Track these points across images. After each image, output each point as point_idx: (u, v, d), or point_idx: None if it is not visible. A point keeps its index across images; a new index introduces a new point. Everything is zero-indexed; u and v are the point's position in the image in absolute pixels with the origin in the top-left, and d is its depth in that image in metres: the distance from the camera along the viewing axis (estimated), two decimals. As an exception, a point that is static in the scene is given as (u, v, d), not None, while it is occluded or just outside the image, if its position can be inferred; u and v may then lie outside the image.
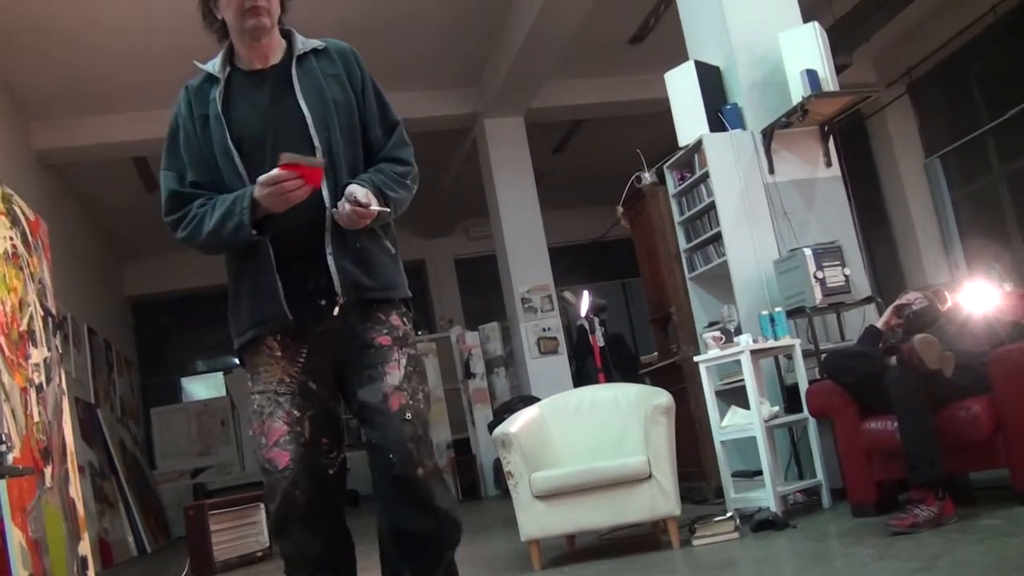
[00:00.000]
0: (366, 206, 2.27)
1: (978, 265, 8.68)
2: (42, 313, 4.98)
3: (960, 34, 9.28)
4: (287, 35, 2.51)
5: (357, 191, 2.28)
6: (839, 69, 5.89)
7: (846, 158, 5.89)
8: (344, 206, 2.27)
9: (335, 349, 2.38)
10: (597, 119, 10.78)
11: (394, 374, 2.35)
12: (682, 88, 5.48)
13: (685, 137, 5.47)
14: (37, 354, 4.77)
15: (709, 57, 5.53)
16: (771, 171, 5.24)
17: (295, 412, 2.36)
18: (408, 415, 2.29)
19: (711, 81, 5.46)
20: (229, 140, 2.36)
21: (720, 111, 5.37)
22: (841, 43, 7.66)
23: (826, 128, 5.36)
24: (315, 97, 2.41)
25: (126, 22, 7.31)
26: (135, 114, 8.57)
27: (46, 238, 5.33)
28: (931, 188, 10.51)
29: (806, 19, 5.40)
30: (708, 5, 5.55)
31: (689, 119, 5.44)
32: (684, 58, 5.60)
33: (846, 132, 7.37)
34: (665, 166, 5.70)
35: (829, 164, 5.38)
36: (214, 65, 2.46)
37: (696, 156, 5.37)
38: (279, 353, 2.39)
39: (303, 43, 2.49)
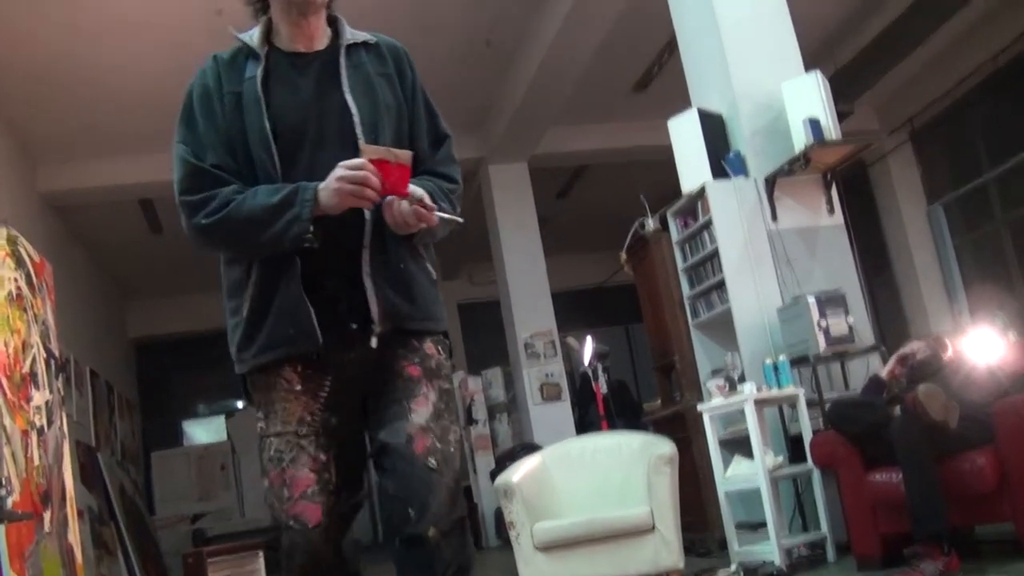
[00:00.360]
0: (430, 209, 1.99)
1: (982, 313, 8.65)
2: (45, 355, 4.97)
3: (962, 82, 9.33)
4: (333, 22, 2.24)
5: (420, 190, 2.01)
6: (841, 117, 5.92)
7: (849, 205, 5.91)
8: (402, 204, 1.98)
9: (364, 378, 2.11)
10: (601, 165, 10.83)
11: (421, 412, 2.06)
12: (685, 135, 5.51)
13: (688, 184, 5.48)
14: (39, 396, 4.75)
15: (712, 104, 5.56)
16: (774, 218, 5.25)
17: (321, 455, 2.07)
18: (433, 462, 2.00)
19: (714, 128, 5.48)
20: (267, 126, 2.06)
21: (723, 158, 5.38)
22: (843, 91, 7.70)
23: (828, 176, 5.37)
24: (364, 95, 2.13)
25: (134, 66, 7.38)
26: (142, 157, 8.59)
27: (51, 280, 5.34)
28: (934, 235, 10.52)
29: (808, 67, 5.43)
30: (710, 53, 5.59)
31: (692, 166, 5.46)
32: (687, 105, 5.64)
33: (849, 179, 7.41)
34: (668, 213, 5.71)
35: (832, 211, 5.38)
36: (252, 37, 2.16)
37: (699, 203, 5.38)
38: (299, 387, 2.08)
39: (352, 34, 2.22)
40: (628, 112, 9.62)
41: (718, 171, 5.35)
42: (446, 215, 2.04)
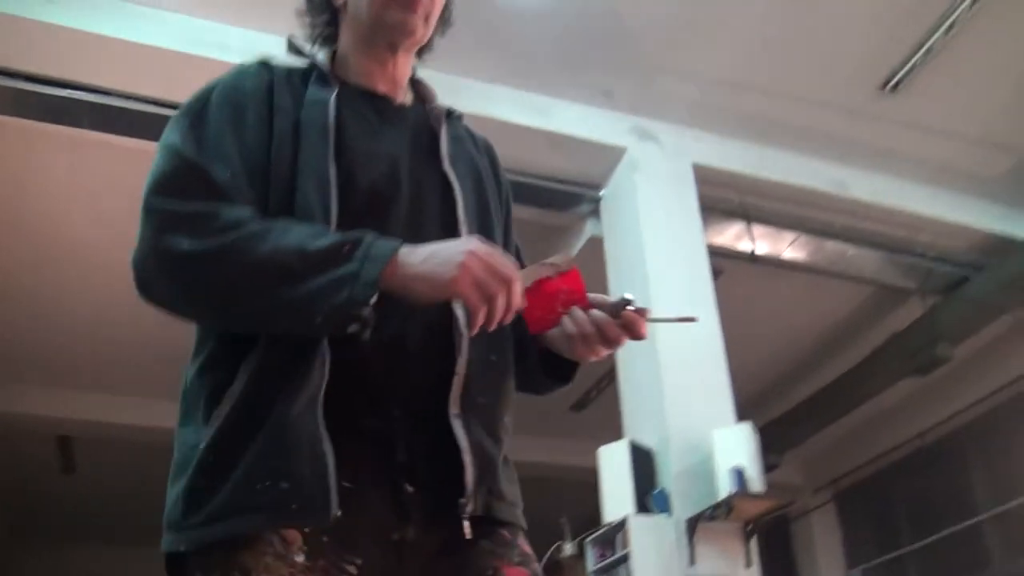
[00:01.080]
0: (644, 314, 1.31)
1: None
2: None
3: (886, 454, 9.60)
4: (415, 84, 1.61)
5: (622, 296, 1.34)
6: (768, 468, 6.04)
7: (769, 559, 5.86)
8: (592, 311, 1.32)
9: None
10: (527, 477, 10.69)
11: None
12: (614, 465, 5.52)
13: (610, 514, 5.43)
14: None
15: (645, 435, 5.63)
16: (692, 563, 5.17)
17: None
18: None
19: (643, 463, 5.51)
20: (331, 164, 1.33)
21: (648, 493, 5.39)
22: (772, 443, 7.89)
23: (749, 527, 5.37)
24: (469, 176, 1.51)
25: (80, 297, 7.22)
26: (71, 393, 8.34)
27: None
28: (852, 604, 10.38)
29: (740, 414, 5.58)
30: (648, 389, 5.74)
31: (617, 496, 5.43)
32: (620, 433, 5.71)
33: (771, 532, 7.42)
34: (587, 540, 5.62)
35: (748, 565, 5.32)
36: (317, 58, 1.52)
37: (619, 535, 5.32)
38: (300, 558, 1.17)
39: (441, 104, 1.60)
40: (562, 430, 9.69)
41: (642, 505, 5.34)
42: (669, 319, 1.36)
